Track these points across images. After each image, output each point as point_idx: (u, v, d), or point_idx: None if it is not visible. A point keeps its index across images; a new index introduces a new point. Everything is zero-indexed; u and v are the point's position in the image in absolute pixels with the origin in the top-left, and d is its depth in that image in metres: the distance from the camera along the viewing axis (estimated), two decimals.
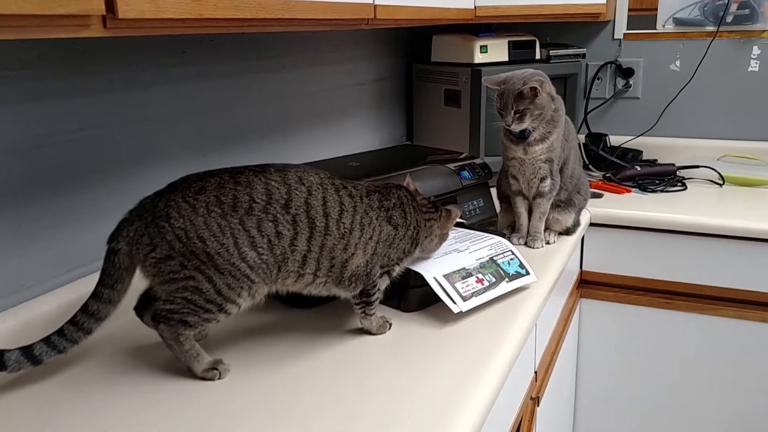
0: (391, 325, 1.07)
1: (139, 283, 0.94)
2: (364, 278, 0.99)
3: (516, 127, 1.33)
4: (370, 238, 0.98)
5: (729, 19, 2.03)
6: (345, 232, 0.95)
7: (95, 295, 0.90)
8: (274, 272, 0.92)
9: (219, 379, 0.93)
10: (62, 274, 1.09)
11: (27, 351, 0.87)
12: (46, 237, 1.06)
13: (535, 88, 1.30)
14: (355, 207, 0.97)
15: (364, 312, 1.03)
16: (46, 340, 0.88)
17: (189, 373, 0.93)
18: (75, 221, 1.10)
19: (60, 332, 0.89)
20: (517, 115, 1.32)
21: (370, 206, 0.99)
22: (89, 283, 1.08)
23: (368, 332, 1.06)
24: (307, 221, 0.92)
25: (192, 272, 0.87)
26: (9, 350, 0.86)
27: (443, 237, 1.12)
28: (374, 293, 1.02)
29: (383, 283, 1.04)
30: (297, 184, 0.92)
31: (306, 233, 0.92)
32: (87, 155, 1.11)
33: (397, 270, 1.06)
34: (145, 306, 0.99)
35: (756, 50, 2.02)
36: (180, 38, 1.27)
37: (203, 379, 0.93)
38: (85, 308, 0.90)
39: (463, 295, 1.09)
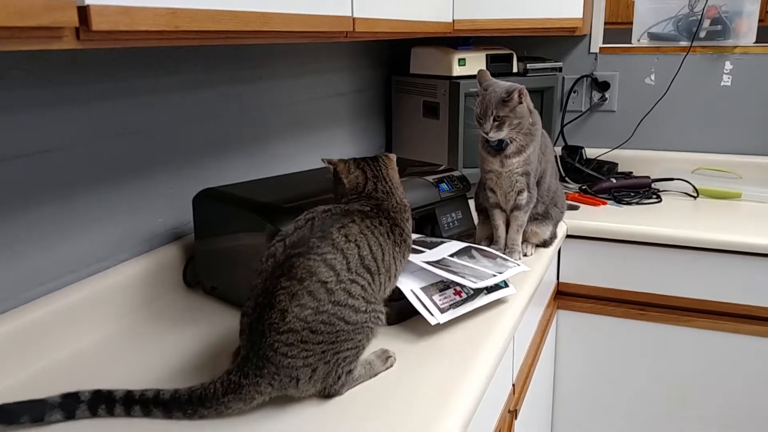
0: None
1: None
2: None
3: (494, 136, 1.33)
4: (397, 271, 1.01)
5: (702, 34, 2.06)
6: (387, 267, 0.96)
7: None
8: (381, 301, 0.94)
9: None
10: (33, 288, 1.07)
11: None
12: (17, 251, 1.04)
13: (521, 91, 1.31)
14: (386, 247, 0.97)
15: None
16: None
17: None
18: (47, 235, 1.08)
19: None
20: (496, 123, 1.32)
21: (394, 242, 0.98)
22: (59, 299, 1.07)
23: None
24: (368, 269, 0.91)
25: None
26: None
27: (399, 179, 1.11)
28: None
29: None
30: (346, 243, 0.89)
31: (374, 275, 0.92)
32: (61, 167, 1.09)
33: None
34: None
35: (728, 65, 2.06)
36: (156, 48, 1.26)
37: None
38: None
39: (441, 307, 1.08)
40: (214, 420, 0.86)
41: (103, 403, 0.85)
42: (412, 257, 1.15)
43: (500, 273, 1.20)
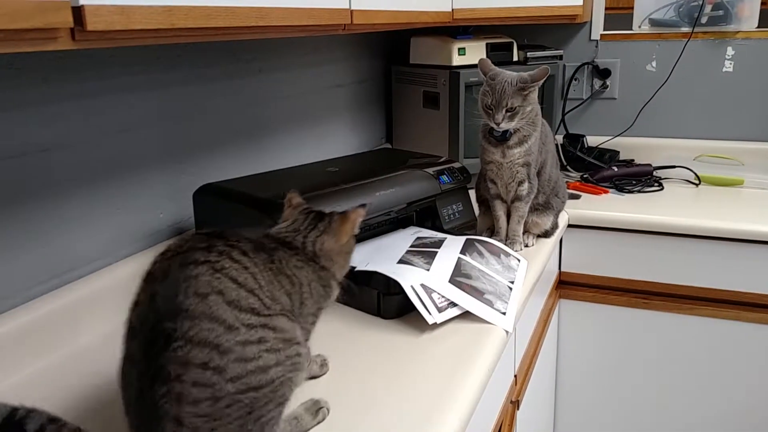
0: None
1: None
2: None
3: (505, 126, 1.32)
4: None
5: (704, 20, 2.05)
6: (273, 296, 0.75)
7: None
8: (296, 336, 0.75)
9: None
10: (34, 287, 1.07)
11: None
12: (20, 248, 1.04)
13: (548, 70, 1.30)
14: (257, 270, 0.75)
15: None
16: None
17: None
18: (47, 233, 1.08)
19: None
20: (509, 114, 1.31)
21: (270, 261, 0.78)
22: (61, 297, 1.07)
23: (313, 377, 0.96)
24: (252, 310, 0.71)
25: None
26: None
27: (346, 249, 0.88)
28: None
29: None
30: (202, 302, 0.68)
31: (263, 313, 0.72)
32: (60, 165, 1.09)
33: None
34: None
35: (730, 51, 2.04)
36: (153, 44, 1.25)
37: None
38: None
39: (439, 305, 1.08)
40: None
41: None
42: (435, 265, 1.17)
43: (512, 283, 1.23)
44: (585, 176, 2.01)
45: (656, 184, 1.95)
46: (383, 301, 1.14)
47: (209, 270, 0.70)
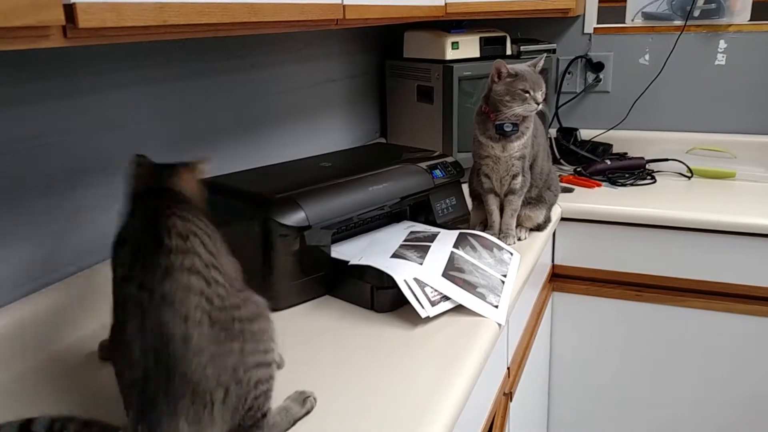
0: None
1: None
2: None
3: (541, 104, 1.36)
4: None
5: (696, 13, 2.05)
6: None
7: None
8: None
9: None
10: (29, 283, 1.07)
11: None
12: (17, 243, 1.04)
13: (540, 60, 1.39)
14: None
15: None
16: None
17: None
18: (42, 228, 1.08)
19: None
20: (541, 93, 1.36)
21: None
22: (52, 294, 1.08)
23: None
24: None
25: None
26: None
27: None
28: None
29: None
30: (186, 241, 0.77)
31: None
32: (54, 161, 1.09)
33: None
34: None
35: (722, 44, 2.05)
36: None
37: None
38: None
39: (432, 299, 1.09)
40: None
41: None
42: (428, 259, 1.17)
43: (505, 276, 1.24)
44: (578, 169, 2.02)
45: (649, 177, 1.96)
46: (377, 294, 1.14)
47: (179, 218, 0.80)
